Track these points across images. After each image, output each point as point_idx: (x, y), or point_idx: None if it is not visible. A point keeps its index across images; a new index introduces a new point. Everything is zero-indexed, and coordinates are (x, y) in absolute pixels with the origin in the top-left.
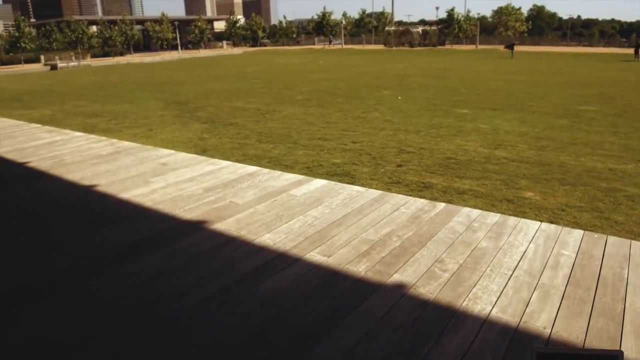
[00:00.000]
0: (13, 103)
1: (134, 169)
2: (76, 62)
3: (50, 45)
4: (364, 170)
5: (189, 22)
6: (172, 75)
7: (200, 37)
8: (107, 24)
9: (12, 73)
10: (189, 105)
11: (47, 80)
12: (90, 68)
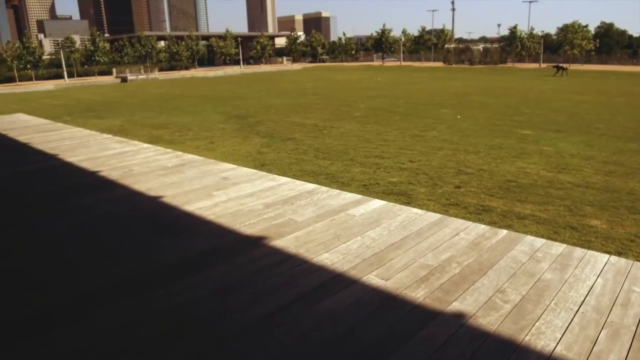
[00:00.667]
0: (86, 113)
1: (197, 182)
2: (145, 75)
3: (121, 59)
4: (421, 190)
5: (251, 38)
6: (233, 89)
7: (261, 52)
8: (174, 39)
9: (86, 85)
10: (249, 120)
11: (118, 92)
12: (157, 81)
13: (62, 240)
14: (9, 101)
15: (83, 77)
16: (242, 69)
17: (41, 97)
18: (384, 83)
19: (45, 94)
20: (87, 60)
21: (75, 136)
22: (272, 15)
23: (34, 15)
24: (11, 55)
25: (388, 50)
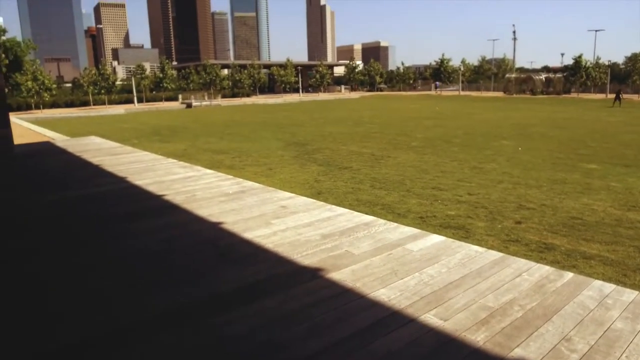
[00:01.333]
0: (153, 137)
1: (256, 209)
2: (208, 102)
3: (187, 85)
4: (479, 224)
5: (311, 67)
6: (292, 116)
7: (320, 81)
8: (237, 67)
9: (153, 110)
10: (306, 147)
11: (183, 117)
12: (220, 107)
13: (128, 260)
14: (84, 124)
15: (151, 102)
16: (301, 96)
17: (112, 120)
18: (442, 113)
19: (116, 118)
20: (156, 86)
21: (143, 160)
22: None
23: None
24: (87, 81)
25: (447, 80)
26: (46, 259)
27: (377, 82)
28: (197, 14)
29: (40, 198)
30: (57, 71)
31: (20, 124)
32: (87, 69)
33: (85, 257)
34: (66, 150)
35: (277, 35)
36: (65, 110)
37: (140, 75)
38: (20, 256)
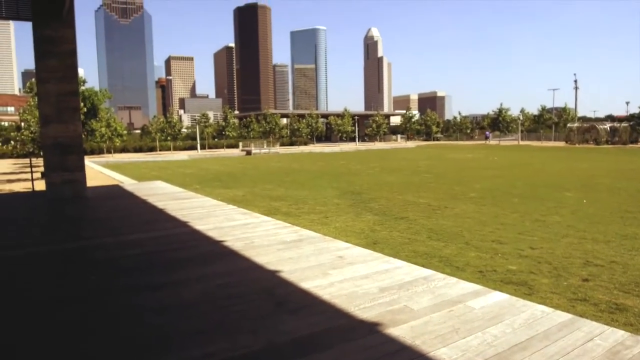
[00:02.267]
0: (214, 182)
1: (313, 258)
2: (267, 149)
3: (248, 133)
4: (543, 281)
5: (367, 116)
6: (348, 165)
7: (376, 130)
8: (296, 117)
9: (215, 156)
10: (362, 196)
11: (242, 164)
12: (278, 155)
13: (187, 304)
14: (151, 168)
15: (213, 149)
16: (358, 145)
17: (177, 166)
18: (501, 163)
19: (180, 164)
20: (218, 134)
21: (204, 205)
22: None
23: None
24: (156, 129)
25: (505, 129)
26: (111, 299)
27: (434, 132)
28: (260, 66)
29: (108, 239)
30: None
31: (93, 167)
32: (156, 117)
33: (145, 299)
34: (133, 193)
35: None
36: (134, 155)
37: (204, 124)
38: (87, 296)
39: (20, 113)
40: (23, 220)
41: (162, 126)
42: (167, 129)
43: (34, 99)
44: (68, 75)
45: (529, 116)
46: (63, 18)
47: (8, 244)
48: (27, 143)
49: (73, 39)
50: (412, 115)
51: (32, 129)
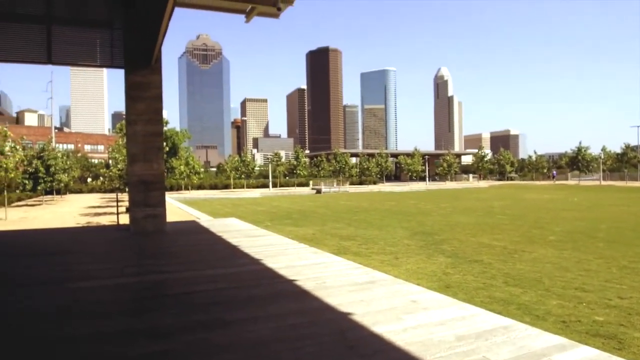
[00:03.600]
0: (285, 220)
1: (386, 301)
2: (337, 188)
3: (318, 172)
4: (635, 335)
5: (437, 156)
6: (418, 205)
7: (447, 169)
8: (365, 156)
9: (286, 194)
10: (434, 237)
11: (312, 202)
12: (347, 194)
13: (260, 344)
14: (225, 205)
15: (284, 187)
16: (428, 185)
17: (249, 203)
18: (582, 204)
19: (252, 201)
20: (290, 172)
21: (276, 243)
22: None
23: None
24: (230, 167)
25: (585, 169)
26: (187, 334)
27: (508, 171)
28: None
29: (185, 273)
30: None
31: (172, 202)
32: (231, 156)
33: (218, 336)
34: (209, 229)
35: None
36: (210, 191)
37: (276, 162)
38: (163, 331)
39: (109, 151)
40: (106, 253)
41: (237, 165)
42: (241, 168)
43: (122, 139)
44: (154, 118)
45: (611, 155)
46: (152, 66)
47: (90, 275)
48: (115, 179)
49: (159, 85)
50: (484, 155)
51: (119, 167)
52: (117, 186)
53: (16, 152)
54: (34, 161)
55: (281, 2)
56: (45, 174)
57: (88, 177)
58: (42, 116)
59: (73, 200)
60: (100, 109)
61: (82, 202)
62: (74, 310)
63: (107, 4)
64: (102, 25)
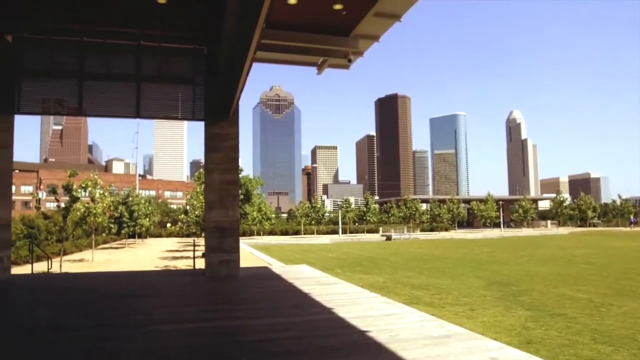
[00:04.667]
0: (355, 267)
1: (463, 358)
2: (407, 235)
3: (388, 219)
4: None
5: (512, 201)
6: (493, 253)
7: (523, 216)
8: (436, 202)
9: (356, 240)
10: (511, 288)
11: (382, 249)
12: (418, 241)
13: None
14: (295, 251)
15: (354, 234)
16: (503, 232)
17: (319, 249)
18: None
19: (322, 247)
20: (359, 219)
21: (347, 291)
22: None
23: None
24: (301, 213)
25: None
26: None
27: (589, 217)
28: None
29: (257, 320)
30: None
31: (244, 248)
32: (302, 202)
33: None
34: (281, 276)
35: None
36: (281, 237)
37: (345, 209)
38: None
39: (187, 198)
40: (181, 297)
41: (307, 211)
42: (312, 214)
43: (199, 187)
44: (230, 167)
45: None
46: (230, 118)
47: (164, 318)
48: (192, 225)
49: (236, 135)
50: (563, 199)
51: (196, 213)
52: (193, 231)
53: (104, 198)
54: (120, 207)
55: (352, 54)
56: (129, 219)
57: (167, 222)
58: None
59: (153, 243)
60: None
61: (161, 246)
62: (155, 354)
63: (191, 62)
64: (185, 81)
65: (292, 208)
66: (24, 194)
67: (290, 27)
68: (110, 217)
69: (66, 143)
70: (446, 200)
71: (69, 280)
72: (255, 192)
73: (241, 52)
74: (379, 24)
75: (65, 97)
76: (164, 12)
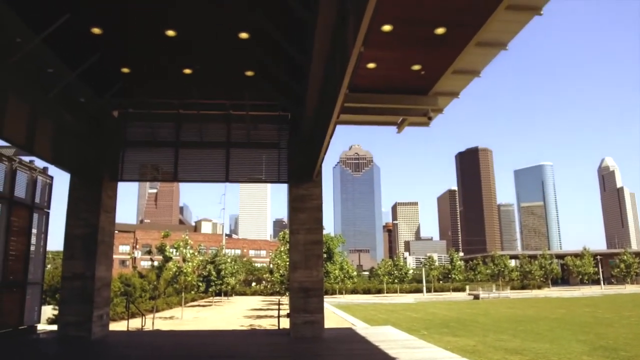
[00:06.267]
0: (441, 329)
1: None
2: (496, 293)
3: (474, 276)
4: None
5: (612, 255)
6: (595, 313)
7: (626, 271)
8: (526, 258)
9: (441, 300)
10: (619, 353)
11: (470, 309)
12: (508, 300)
13: None
14: (378, 311)
15: (439, 292)
16: (603, 289)
17: (403, 309)
18: None
19: (406, 307)
20: (444, 277)
21: (436, 357)
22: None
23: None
24: (383, 271)
25: None
26: None
27: None
28: (483, 207)
29: None
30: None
31: (327, 307)
32: (384, 260)
33: None
34: (365, 338)
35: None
36: (363, 296)
37: (429, 266)
38: None
39: (271, 257)
40: (268, 358)
41: (389, 269)
42: (394, 272)
43: (283, 246)
44: (314, 227)
45: None
46: (313, 179)
47: None
48: (276, 284)
49: (320, 196)
50: None
51: (280, 272)
52: (277, 290)
53: (194, 257)
54: (208, 266)
55: (431, 112)
56: (216, 277)
57: (252, 281)
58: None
59: (238, 302)
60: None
61: (246, 305)
62: None
63: (276, 127)
64: (271, 145)
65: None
66: (121, 253)
67: (369, 89)
68: (198, 276)
69: (160, 205)
70: (537, 255)
71: (161, 338)
72: (336, 250)
73: (324, 117)
74: (458, 81)
75: (162, 165)
76: (252, 83)
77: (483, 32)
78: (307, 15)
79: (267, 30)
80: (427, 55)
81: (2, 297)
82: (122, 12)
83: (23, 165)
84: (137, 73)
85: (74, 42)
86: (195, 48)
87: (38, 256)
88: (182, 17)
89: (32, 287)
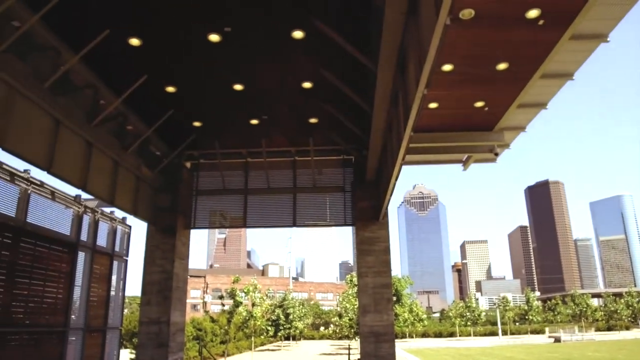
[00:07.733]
0: None
1: None
2: (579, 336)
3: (554, 317)
4: None
5: None
6: None
7: None
8: (611, 296)
9: (519, 343)
10: None
11: (552, 352)
12: (594, 342)
13: None
14: (452, 356)
15: (515, 335)
16: None
17: (478, 353)
18: None
19: (481, 351)
20: (520, 318)
21: None
22: None
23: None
24: (455, 313)
25: None
26: None
27: None
28: (558, 243)
29: None
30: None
31: (397, 352)
32: (455, 301)
33: None
34: None
35: None
36: (434, 339)
37: (503, 307)
38: None
39: (339, 301)
40: None
41: (461, 311)
42: (467, 314)
43: (351, 289)
44: (382, 270)
45: None
46: (380, 221)
47: None
48: (345, 328)
49: (387, 238)
50: None
51: (349, 316)
52: (346, 334)
53: (263, 302)
54: (276, 309)
55: (497, 147)
56: (284, 321)
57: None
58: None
59: (307, 346)
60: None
61: (315, 348)
62: None
63: (341, 171)
64: (336, 189)
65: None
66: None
67: (433, 128)
68: (267, 320)
69: (228, 250)
70: (622, 293)
71: None
72: (404, 292)
73: (389, 159)
74: (524, 114)
75: (231, 211)
76: (316, 129)
77: (547, 64)
78: (369, 63)
79: (329, 79)
80: (490, 91)
81: (84, 341)
82: (195, 71)
83: (104, 216)
84: (208, 126)
85: (150, 100)
86: (261, 100)
87: (117, 302)
88: (250, 72)
89: (111, 332)
